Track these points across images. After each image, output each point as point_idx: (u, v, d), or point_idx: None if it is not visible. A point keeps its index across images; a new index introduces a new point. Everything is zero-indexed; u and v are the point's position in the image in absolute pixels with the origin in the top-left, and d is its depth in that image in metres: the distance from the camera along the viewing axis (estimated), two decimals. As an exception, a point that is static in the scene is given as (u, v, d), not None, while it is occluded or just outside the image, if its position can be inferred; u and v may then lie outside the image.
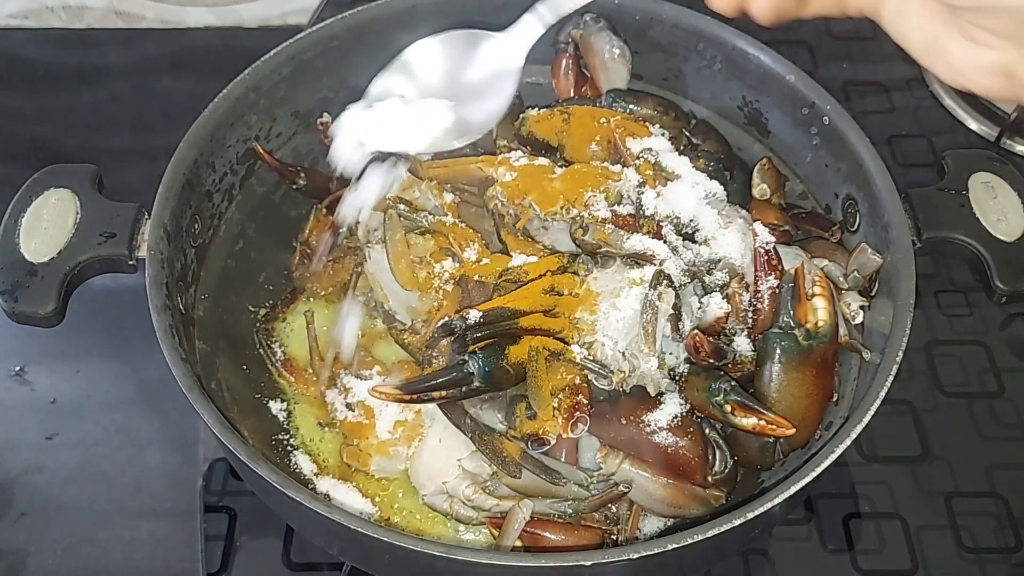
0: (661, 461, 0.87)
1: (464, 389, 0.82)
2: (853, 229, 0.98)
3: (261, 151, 1.03)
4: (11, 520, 1.02)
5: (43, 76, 1.42)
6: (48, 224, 0.93)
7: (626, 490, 0.87)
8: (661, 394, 0.87)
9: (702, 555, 0.87)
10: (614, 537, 0.89)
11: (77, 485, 1.05)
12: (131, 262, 0.91)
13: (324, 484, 0.93)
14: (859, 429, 0.79)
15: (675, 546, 0.74)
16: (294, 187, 1.07)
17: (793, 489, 0.76)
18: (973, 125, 1.35)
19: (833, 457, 0.78)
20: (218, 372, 0.97)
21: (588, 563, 0.74)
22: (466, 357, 0.82)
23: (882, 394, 0.81)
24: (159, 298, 0.87)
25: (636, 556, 0.74)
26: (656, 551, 0.74)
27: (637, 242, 0.88)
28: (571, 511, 0.89)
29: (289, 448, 0.98)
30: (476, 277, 0.93)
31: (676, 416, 0.87)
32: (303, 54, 1.05)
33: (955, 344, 1.15)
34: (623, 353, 0.85)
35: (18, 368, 1.13)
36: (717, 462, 0.88)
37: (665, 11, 1.07)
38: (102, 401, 1.11)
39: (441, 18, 1.09)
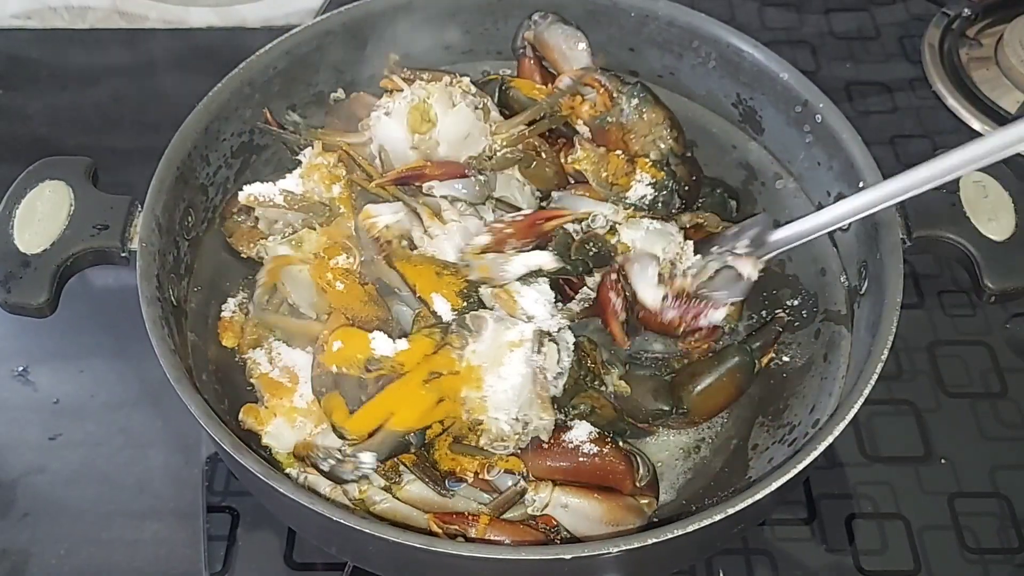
0: (590, 474, 0.88)
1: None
2: (845, 228, 0.97)
3: (270, 117, 1.03)
4: (14, 520, 1.02)
5: (46, 76, 1.43)
6: (42, 216, 0.93)
7: (525, 487, 0.87)
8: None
9: (686, 550, 0.87)
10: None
11: (80, 485, 1.05)
12: (123, 254, 0.92)
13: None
14: (842, 426, 0.79)
15: (655, 540, 0.73)
16: (295, 157, 1.06)
17: (776, 485, 0.76)
18: (976, 125, 1.34)
19: (817, 452, 0.77)
20: (210, 365, 0.97)
21: (568, 556, 0.74)
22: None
23: (866, 392, 0.80)
24: (149, 289, 0.87)
25: (616, 550, 0.73)
26: (636, 545, 0.73)
27: (520, 264, 0.89)
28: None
29: (279, 441, 0.97)
30: (345, 370, 0.85)
31: (591, 431, 0.90)
32: (298, 49, 1.05)
33: (958, 344, 1.14)
34: (516, 419, 0.85)
35: (21, 368, 1.13)
36: (640, 466, 0.90)
37: (660, 8, 1.07)
38: (105, 401, 1.11)
39: (436, 13, 1.10)
